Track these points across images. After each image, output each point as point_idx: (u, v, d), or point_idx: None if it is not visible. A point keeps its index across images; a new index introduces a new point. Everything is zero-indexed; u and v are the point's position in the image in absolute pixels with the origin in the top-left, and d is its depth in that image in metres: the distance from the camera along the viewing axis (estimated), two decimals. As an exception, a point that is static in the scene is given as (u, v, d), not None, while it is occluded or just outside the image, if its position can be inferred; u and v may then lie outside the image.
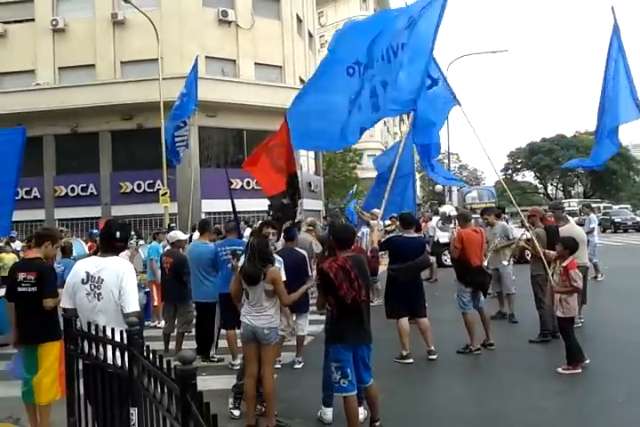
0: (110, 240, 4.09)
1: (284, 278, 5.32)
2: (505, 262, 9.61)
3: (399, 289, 7.32)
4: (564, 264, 6.56)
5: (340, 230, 5.02)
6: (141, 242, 11.99)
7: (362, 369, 4.75)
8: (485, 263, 9.52)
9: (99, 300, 3.81)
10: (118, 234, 4.08)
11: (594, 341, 7.75)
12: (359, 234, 10.37)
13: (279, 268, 5.42)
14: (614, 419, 5.09)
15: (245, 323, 5.09)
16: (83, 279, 3.87)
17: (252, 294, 5.05)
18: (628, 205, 54.83)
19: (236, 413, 5.39)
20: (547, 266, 7.17)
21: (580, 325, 8.38)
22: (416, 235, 7.88)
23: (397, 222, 9.10)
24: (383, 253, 9.96)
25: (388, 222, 11.82)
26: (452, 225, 9.46)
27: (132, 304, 3.82)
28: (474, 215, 12.23)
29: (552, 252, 7.28)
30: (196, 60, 15.25)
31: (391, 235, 8.38)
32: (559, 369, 6.39)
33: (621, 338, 7.89)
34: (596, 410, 5.34)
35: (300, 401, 5.67)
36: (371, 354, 4.84)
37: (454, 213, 10.95)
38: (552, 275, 6.81)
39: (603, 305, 10.11)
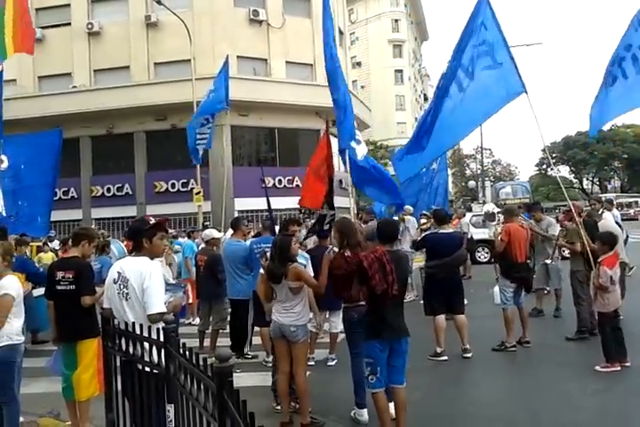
0: (131, 240, 4.18)
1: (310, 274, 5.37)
2: (548, 261, 9.52)
3: (438, 286, 7.30)
4: (599, 260, 6.45)
5: (385, 224, 5.03)
6: (181, 239, 12.03)
7: (397, 368, 4.70)
8: (548, 261, 9.48)
9: (126, 299, 3.83)
10: (127, 233, 4.21)
11: (632, 336, 7.58)
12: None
13: (304, 264, 5.49)
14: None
15: (274, 320, 5.13)
16: (114, 279, 3.92)
17: (278, 293, 5.10)
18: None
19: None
20: (592, 262, 7.00)
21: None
22: (451, 230, 7.83)
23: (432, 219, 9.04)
24: (419, 251, 9.89)
25: (423, 221, 11.77)
26: (494, 222, 9.38)
27: (156, 305, 3.73)
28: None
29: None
30: (227, 58, 15.27)
31: (427, 232, 8.33)
32: (597, 367, 6.27)
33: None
34: (636, 409, 5.22)
35: (334, 398, 5.68)
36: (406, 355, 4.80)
37: (497, 210, 10.88)
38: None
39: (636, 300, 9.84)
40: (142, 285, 3.77)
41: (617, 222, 12.33)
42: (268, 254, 5.51)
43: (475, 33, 7.29)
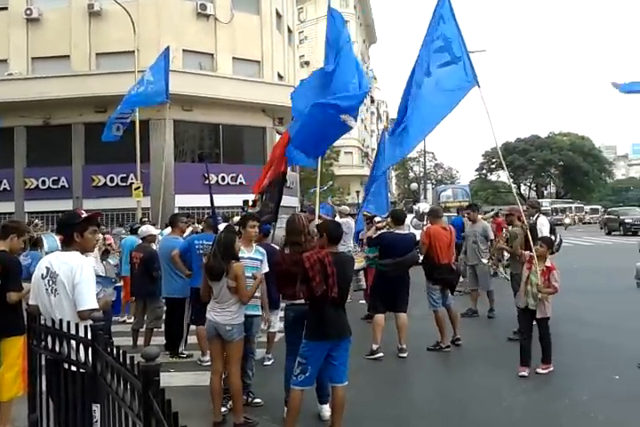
0: (61, 233, 4.05)
1: (265, 270, 5.51)
2: (484, 260, 9.78)
3: (387, 284, 7.39)
4: (548, 264, 6.49)
5: (333, 226, 5.02)
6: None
7: (337, 367, 4.70)
8: (485, 261, 9.70)
9: (55, 295, 3.70)
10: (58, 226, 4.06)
11: (557, 338, 7.85)
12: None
13: (261, 260, 5.52)
14: (579, 417, 5.16)
15: (209, 319, 5.06)
16: (42, 274, 3.78)
17: (215, 290, 5.03)
18: (598, 206, 55.89)
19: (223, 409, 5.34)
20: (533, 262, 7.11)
21: None
22: (406, 231, 7.94)
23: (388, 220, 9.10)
24: (360, 249, 9.96)
25: (378, 219, 11.90)
26: (424, 222, 9.56)
27: (87, 301, 3.63)
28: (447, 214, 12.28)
29: (526, 252, 7.04)
30: (167, 49, 14.83)
31: (382, 231, 8.41)
32: (539, 370, 6.35)
33: (583, 336, 8.01)
34: (561, 408, 5.40)
35: (268, 398, 5.63)
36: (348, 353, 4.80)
37: (427, 210, 11.09)
38: (529, 275, 6.59)
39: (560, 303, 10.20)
40: (73, 280, 3.65)
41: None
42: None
43: (432, 27, 7.11)
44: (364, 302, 10.03)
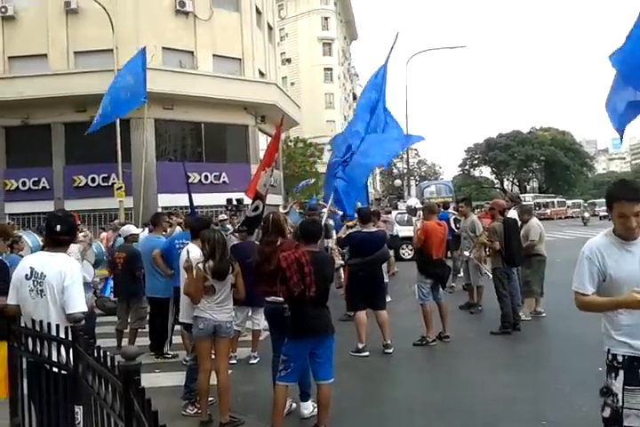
0: (52, 235, 3.86)
1: None
2: (466, 253, 9.83)
3: (360, 283, 7.37)
4: None
5: (308, 225, 4.99)
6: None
7: (321, 364, 4.69)
8: (467, 253, 9.84)
9: (41, 297, 3.63)
10: (59, 228, 3.80)
11: (546, 332, 7.91)
12: None
13: None
14: (563, 407, 5.20)
15: (207, 318, 4.99)
16: (27, 275, 3.70)
17: (218, 289, 5.00)
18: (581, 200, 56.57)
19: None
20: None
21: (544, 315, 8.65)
22: (375, 229, 7.92)
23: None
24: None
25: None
26: (415, 217, 9.53)
27: (77, 305, 3.60)
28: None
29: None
30: (144, 49, 14.67)
31: (352, 230, 8.39)
32: None
33: (572, 329, 8.05)
34: (545, 399, 5.44)
35: (254, 397, 5.62)
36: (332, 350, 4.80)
37: (419, 205, 11.09)
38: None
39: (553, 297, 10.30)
40: (62, 283, 3.61)
41: None
42: (197, 253, 5.34)
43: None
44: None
